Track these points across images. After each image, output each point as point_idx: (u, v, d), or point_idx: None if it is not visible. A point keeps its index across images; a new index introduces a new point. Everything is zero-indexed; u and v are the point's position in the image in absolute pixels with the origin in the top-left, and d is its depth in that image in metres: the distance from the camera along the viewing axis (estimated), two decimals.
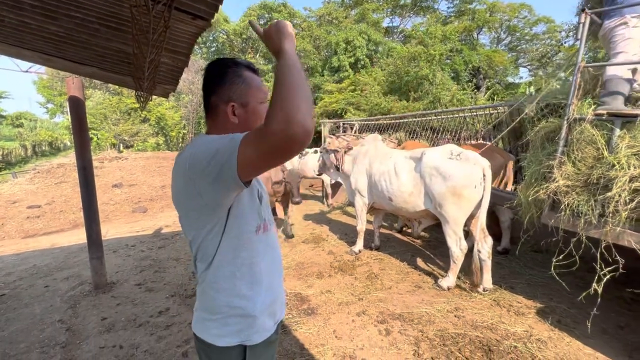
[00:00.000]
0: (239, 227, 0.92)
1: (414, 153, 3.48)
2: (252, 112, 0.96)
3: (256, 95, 0.96)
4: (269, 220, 1.05)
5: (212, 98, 0.95)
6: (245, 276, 0.94)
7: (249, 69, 0.97)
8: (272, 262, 1.03)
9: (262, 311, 0.97)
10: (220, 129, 0.95)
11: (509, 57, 18.64)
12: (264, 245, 1.00)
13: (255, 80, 0.97)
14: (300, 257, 4.23)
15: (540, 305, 2.93)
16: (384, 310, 2.92)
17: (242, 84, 0.94)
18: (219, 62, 0.96)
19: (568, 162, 2.20)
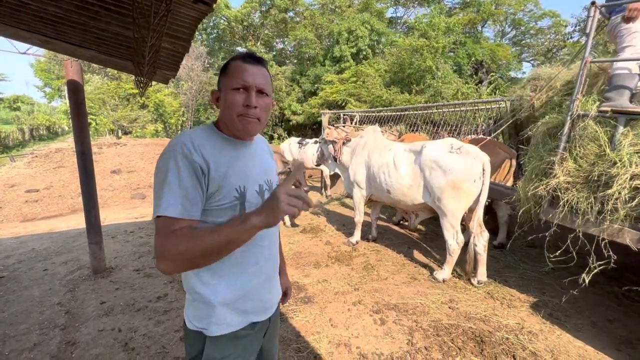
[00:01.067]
0: (212, 219, 0.93)
1: (413, 146, 3.47)
2: (224, 98, 0.97)
3: (228, 82, 0.96)
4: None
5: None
6: (212, 266, 0.94)
7: (246, 58, 0.97)
8: (251, 259, 1.01)
9: (222, 304, 0.96)
10: (219, 117, 1.03)
11: (513, 52, 18.45)
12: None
13: (233, 67, 0.96)
14: (298, 247, 4.27)
15: (533, 299, 2.98)
16: (380, 300, 2.96)
17: (223, 72, 0.98)
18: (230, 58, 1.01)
19: (570, 158, 2.20)
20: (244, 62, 0.96)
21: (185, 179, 0.87)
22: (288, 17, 21.46)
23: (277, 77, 18.73)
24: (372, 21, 16.51)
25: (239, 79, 0.95)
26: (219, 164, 0.94)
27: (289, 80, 19.26)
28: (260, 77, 0.97)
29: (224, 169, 0.95)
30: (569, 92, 3.31)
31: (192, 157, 0.88)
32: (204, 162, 0.90)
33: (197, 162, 0.89)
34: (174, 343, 2.37)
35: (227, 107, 0.96)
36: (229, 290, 0.97)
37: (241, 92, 0.95)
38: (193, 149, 0.90)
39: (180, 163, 0.87)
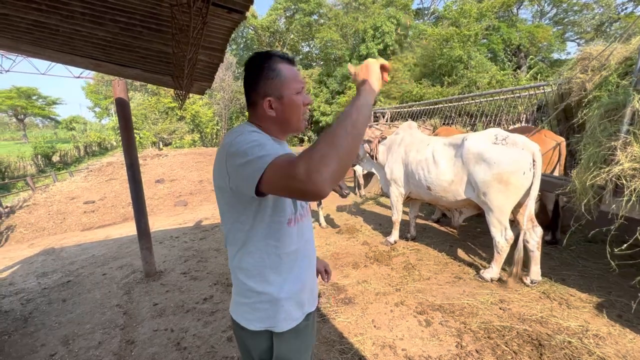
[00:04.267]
0: (269, 217, 0.94)
1: (453, 139, 3.30)
2: (289, 104, 0.97)
3: (291, 86, 0.97)
4: (303, 213, 1.05)
5: (252, 94, 0.99)
6: (274, 264, 0.97)
7: (284, 59, 0.98)
8: (303, 253, 1.04)
9: (288, 299, 0.98)
10: (260, 120, 1.00)
11: (555, 32, 17.09)
12: (295, 236, 1.01)
13: (289, 71, 0.97)
14: (335, 247, 4.25)
15: (597, 299, 2.71)
16: (423, 301, 2.86)
17: (275, 78, 0.95)
18: (255, 57, 0.98)
19: (635, 142, 1.98)
20: (291, 64, 0.99)
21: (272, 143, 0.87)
22: (313, 20, 21.65)
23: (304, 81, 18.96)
24: (398, 15, 16.15)
25: (298, 82, 0.99)
26: None
27: (316, 82, 19.40)
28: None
29: None
30: (627, 70, 2.99)
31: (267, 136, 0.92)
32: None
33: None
34: (222, 343, 2.46)
35: (293, 110, 0.98)
36: (293, 285, 1.00)
37: (300, 94, 0.99)
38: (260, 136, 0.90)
39: (259, 135, 0.88)
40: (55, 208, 9.75)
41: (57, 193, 11.23)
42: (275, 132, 1.02)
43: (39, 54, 3.05)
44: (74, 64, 3.00)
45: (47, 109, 33.47)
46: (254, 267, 0.97)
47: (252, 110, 1.02)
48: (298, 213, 1.03)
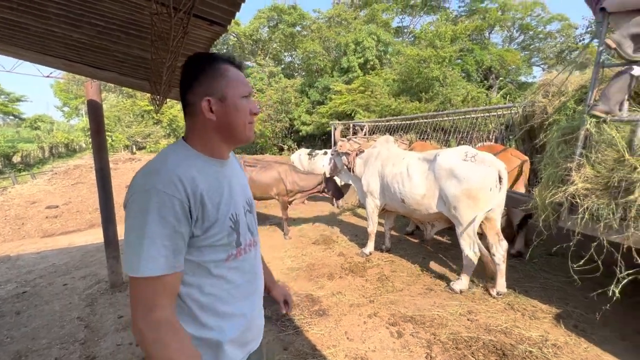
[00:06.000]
0: (201, 257, 0.84)
1: (427, 155, 3.45)
2: (232, 106, 0.87)
3: (236, 87, 0.87)
4: (248, 244, 0.95)
5: (188, 95, 0.87)
6: (212, 306, 0.87)
7: (229, 62, 0.90)
8: (247, 288, 0.95)
9: (231, 341, 0.90)
10: (199, 130, 0.88)
11: (522, 56, 18.29)
12: (237, 271, 0.91)
13: (235, 73, 0.89)
14: (310, 258, 4.25)
15: (556, 310, 2.87)
16: (396, 312, 2.91)
17: (218, 77, 0.86)
18: (196, 57, 0.88)
19: (587, 164, 2.15)
20: (237, 68, 0.91)
21: (171, 225, 0.75)
22: (296, 31, 21.93)
23: (286, 90, 19.03)
24: (378, 32, 16.70)
25: (245, 86, 0.90)
26: (212, 194, 0.85)
27: (298, 92, 19.54)
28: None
29: (218, 198, 0.86)
30: (582, 97, 3.26)
31: (180, 195, 0.76)
32: (195, 197, 0.79)
33: (186, 200, 0.77)
34: None
35: (238, 115, 0.88)
36: (237, 327, 0.92)
37: (246, 99, 0.90)
38: (180, 184, 0.77)
39: (164, 205, 0.74)
40: (14, 212, 9.09)
41: (16, 196, 10.49)
42: (217, 145, 0.91)
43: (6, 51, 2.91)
44: (44, 64, 2.88)
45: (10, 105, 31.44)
46: (188, 313, 0.85)
47: (190, 118, 0.89)
48: (240, 245, 0.92)
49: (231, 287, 0.90)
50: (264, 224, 5.97)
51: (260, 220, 6.25)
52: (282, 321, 2.81)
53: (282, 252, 4.50)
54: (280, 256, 4.35)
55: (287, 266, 4.01)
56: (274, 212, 6.83)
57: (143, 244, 0.73)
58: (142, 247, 0.73)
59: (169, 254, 0.75)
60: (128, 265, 0.74)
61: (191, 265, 0.83)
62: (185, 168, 0.81)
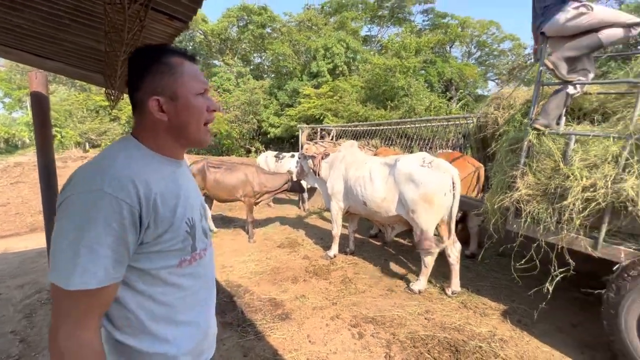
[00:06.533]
0: (152, 264, 0.77)
1: (388, 160, 3.59)
2: (186, 106, 0.80)
3: (189, 84, 0.80)
4: (203, 249, 0.90)
5: (136, 94, 0.80)
6: (167, 315, 0.80)
7: (181, 55, 0.81)
8: (202, 294, 0.90)
9: (186, 353, 0.84)
10: (149, 130, 0.81)
11: (479, 71, 19.65)
12: (192, 277, 0.85)
13: (188, 67, 0.81)
14: (275, 262, 4.20)
15: (504, 307, 3.09)
16: (358, 314, 2.96)
17: (168, 73, 0.78)
18: (142, 50, 0.80)
19: (529, 172, 2.36)
20: (191, 61, 0.83)
21: (116, 233, 0.67)
22: (266, 33, 21.75)
23: (255, 91, 18.76)
24: (347, 39, 17.07)
25: (200, 82, 0.82)
26: (168, 197, 0.78)
27: (267, 93, 19.35)
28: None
29: (174, 201, 0.79)
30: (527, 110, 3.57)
31: (130, 200, 0.69)
32: (148, 202, 0.72)
33: (137, 205, 0.70)
34: None
35: (192, 114, 0.81)
36: (193, 337, 0.87)
37: (202, 96, 0.83)
38: (133, 188, 0.70)
39: (111, 211, 0.66)
40: None
41: None
42: (171, 145, 0.84)
43: None
44: None
45: None
46: (139, 325, 0.77)
47: (139, 117, 0.81)
48: (200, 249, 0.87)
49: (186, 294, 0.84)
50: (228, 227, 5.80)
51: (224, 223, 6.07)
52: (243, 327, 2.75)
53: (246, 256, 4.41)
54: (244, 260, 4.25)
55: (251, 270, 3.93)
56: (239, 214, 6.67)
57: (79, 253, 0.64)
58: (77, 256, 0.64)
59: (109, 265, 0.67)
60: (56, 274, 0.66)
61: (140, 273, 0.76)
62: (138, 169, 0.74)
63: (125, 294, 0.76)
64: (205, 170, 5.05)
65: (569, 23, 2.19)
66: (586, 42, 2.21)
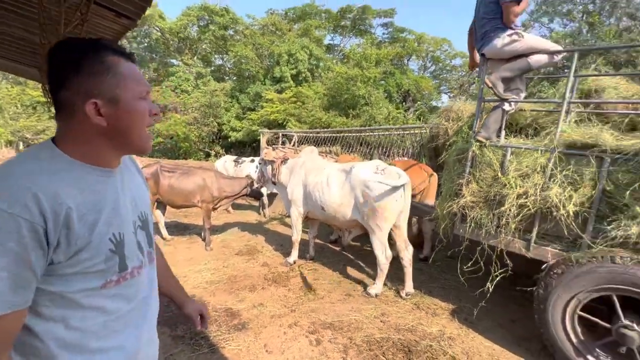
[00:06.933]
0: (67, 287, 0.69)
1: (345, 166, 3.70)
2: (128, 110, 0.73)
3: (131, 87, 0.73)
4: (137, 267, 0.82)
5: (63, 93, 0.70)
6: (79, 343, 0.72)
7: (118, 53, 0.74)
8: (132, 317, 0.82)
9: None
10: (79, 134, 0.72)
11: (433, 84, 20.96)
12: (119, 299, 0.77)
13: (129, 68, 0.74)
14: (232, 270, 4.07)
15: (452, 306, 3.29)
16: (316, 320, 2.96)
17: (107, 74, 0.70)
18: (70, 44, 0.70)
19: (473, 181, 2.56)
20: (130, 61, 0.76)
21: (13, 253, 0.60)
22: (228, 35, 21.30)
23: (215, 94, 18.21)
24: (311, 47, 17.31)
25: (142, 84, 0.76)
26: (87, 211, 0.70)
27: (228, 96, 18.88)
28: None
29: (94, 216, 0.71)
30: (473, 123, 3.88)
31: (30, 216, 0.61)
32: (56, 217, 0.64)
33: (40, 221, 0.62)
34: None
35: (135, 120, 0.75)
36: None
37: (144, 99, 0.77)
38: (34, 202, 0.62)
39: (4, 229, 0.59)
40: None
41: None
42: (103, 152, 0.77)
43: None
44: None
45: None
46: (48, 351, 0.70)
47: (64, 120, 0.72)
48: (131, 268, 0.79)
49: (110, 318, 0.76)
50: (183, 235, 5.52)
51: (179, 230, 5.77)
52: (196, 340, 2.62)
53: (202, 264, 4.22)
54: (199, 269, 4.06)
55: (206, 280, 3.77)
56: (195, 221, 6.38)
57: None
58: None
59: (6, 289, 0.60)
60: None
61: (52, 296, 0.68)
62: (46, 180, 0.65)
63: (34, 320, 0.68)
64: (159, 175, 4.78)
65: (505, 48, 2.46)
66: (518, 65, 2.49)
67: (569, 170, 2.11)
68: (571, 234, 2.17)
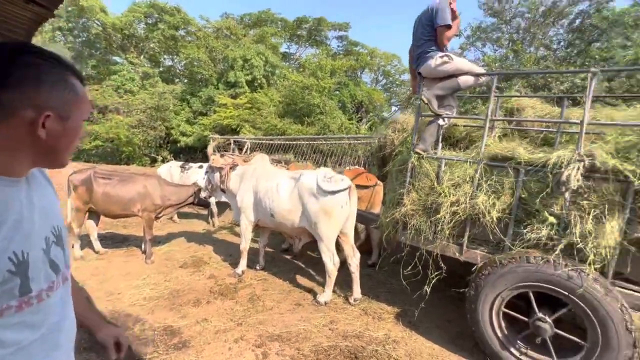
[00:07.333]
0: None
1: (294, 174, 3.73)
2: (73, 130, 0.72)
3: (83, 109, 0.74)
4: (46, 288, 0.74)
5: (5, 95, 0.63)
6: None
7: (77, 74, 0.74)
8: (41, 346, 0.73)
9: None
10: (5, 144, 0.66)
11: (385, 96, 22.08)
12: (22, 328, 0.69)
13: (81, 88, 0.74)
14: (174, 284, 3.82)
15: (397, 310, 3.43)
16: (263, 332, 2.89)
17: (66, 90, 0.69)
18: (26, 46, 0.68)
19: (413, 190, 2.73)
20: (82, 82, 0.75)
21: None
22: (179, 35, 20.34)
23: (164, 96, 17.17)
24: (266, 53, 17.22)
25: (90, 107, 0.77)
26: None
27: (178, 99, 17.92)
28: None
29: None
30: None
31: None
32: None
33: None
34: None
35: (73, 140, 0.74)
36: None
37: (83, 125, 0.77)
38: None
39: None
40: None
41: None
42: (19, 164, 0.71)
43: None
44: None
45: None
46: None
47: None
48: (38, 291, 0.71)
49: (9, 350, 0.66)
50: (120, 247, 5.05)
51: (116, 242, 5.27)
52: None
53: (141, 279, 3.89)
54: (136, 285, 3.74)
55: (144, 296, 3.48)
56: (135, 231, 5.89)
57: None
58: None
59: None
60: None
61: None
62: None
63: None
64: (92, 182, 4.34)
65: (438, 68, 2.70)
66: (449, 84, 2.75)
67: (493, 180, 2.36)
68: (495, 237, 2.41)
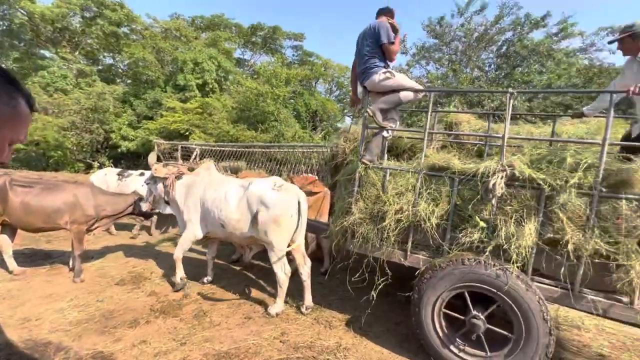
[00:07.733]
0: None
1: (243, 182, 3.64)
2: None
3: (18, 129, 0.73)
4: None
5: None
6: None
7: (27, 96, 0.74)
8: None
9: None
10: None
11: (338, 107, 22.72)
12: None
13: (24, 112, 0.73)
14: (109, 304, 3.45)
15: (348, 317, 3.47)
16: (209, 350, 2.73)
17: (9, 106, 0.69)
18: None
19: (361, 199, 2.82)
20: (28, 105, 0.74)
21: None
22: (121, 32, 18.92)
23: (103, 97, 15.74)
24: (219, 58, 16.75)
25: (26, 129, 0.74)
26: None
27: (119, 101, 16.55)
28: None
29: None
30: None
31: None
32: None
33: None
34: None
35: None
36: None
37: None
38: None
39: None
40: None
41: None
42: None
43: None
44: None
45: None
46: None
47: None
48: None
49: None
50: (42, 265, 4.44)
51: (37, 259, 4.63)
52: None
53: (66, 301, 3.45)
54: (60, 308, 3.31)
55: (70, 320, 3.09)
56: (61, 246, 5.24)
57: None
58: None
59: None
60: None
61: None
62: None
63: None
64: (7, 190, 3.79)
65: (381, 82, 2.87)
66: (392, 99, 2.93)
67: (432, 189, 2.54)
68: (435, 242, 2.58)
